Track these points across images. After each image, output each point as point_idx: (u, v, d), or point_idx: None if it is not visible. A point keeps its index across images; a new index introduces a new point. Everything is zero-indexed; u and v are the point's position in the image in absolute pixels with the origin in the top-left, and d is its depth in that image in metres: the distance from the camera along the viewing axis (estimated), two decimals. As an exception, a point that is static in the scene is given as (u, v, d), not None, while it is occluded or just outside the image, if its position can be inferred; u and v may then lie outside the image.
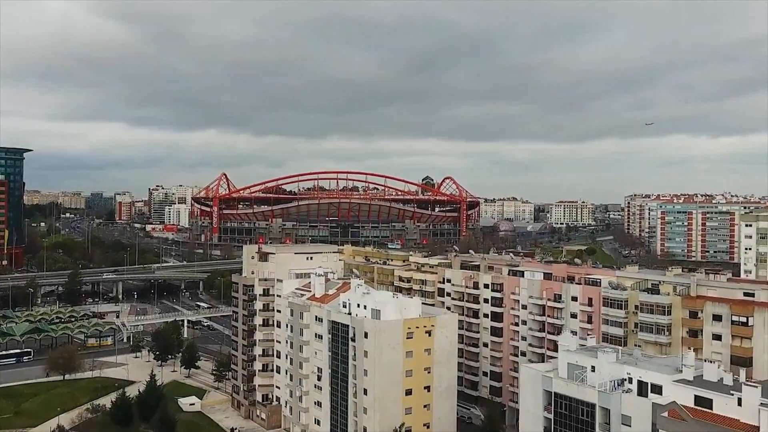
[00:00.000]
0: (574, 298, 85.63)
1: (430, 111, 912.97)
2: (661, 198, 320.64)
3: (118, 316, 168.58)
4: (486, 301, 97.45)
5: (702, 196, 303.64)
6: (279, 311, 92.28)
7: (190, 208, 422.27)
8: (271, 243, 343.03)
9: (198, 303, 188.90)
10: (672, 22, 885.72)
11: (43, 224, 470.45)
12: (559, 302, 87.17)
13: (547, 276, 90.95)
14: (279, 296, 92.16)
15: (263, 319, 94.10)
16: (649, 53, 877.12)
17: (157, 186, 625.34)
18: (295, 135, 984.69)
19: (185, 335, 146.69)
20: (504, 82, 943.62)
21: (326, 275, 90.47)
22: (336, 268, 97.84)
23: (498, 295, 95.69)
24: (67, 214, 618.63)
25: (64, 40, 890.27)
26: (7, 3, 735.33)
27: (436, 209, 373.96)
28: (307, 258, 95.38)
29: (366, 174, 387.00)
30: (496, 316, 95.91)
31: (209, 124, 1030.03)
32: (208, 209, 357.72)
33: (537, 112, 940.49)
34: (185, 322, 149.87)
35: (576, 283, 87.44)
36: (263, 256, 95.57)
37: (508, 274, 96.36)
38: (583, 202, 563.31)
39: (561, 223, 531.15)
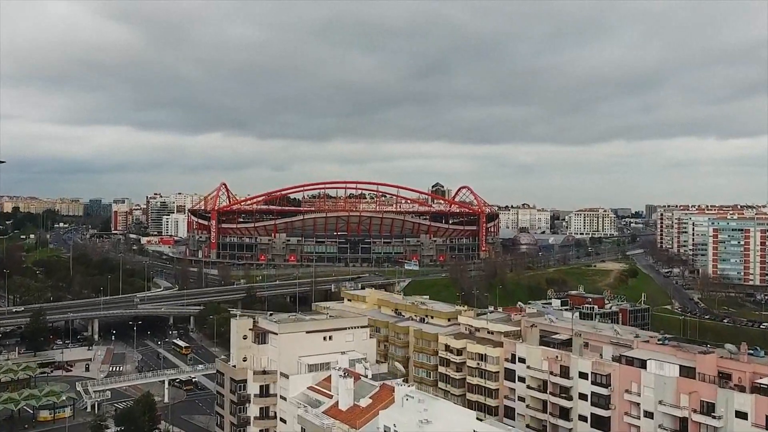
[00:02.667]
0: (741, 415, 55.64)
1: (435, 114, 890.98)
2: (707, 211, 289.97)
3: (87, 368, 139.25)
4: (583, 397, 67.53)
5: (753, 208, 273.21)
6: (284, 421, 62.45)
7: (187, 219, 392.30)
8: (273, 260, 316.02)
9: (174, 342, 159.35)
10: (681, 24, 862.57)
11: (32, 236, 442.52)
12: (711, 416, 57.21)
13: (686, 370, 60.92)
14: (284, 398, 62.33)
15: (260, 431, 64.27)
16: (658, 55, 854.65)
17: (155, 194, 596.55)
18: (299, 138, 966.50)
19: (165, 399, 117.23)
20: (511, 85, 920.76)
21: (354, 366, 60.86)
22: (367, 348, 67.92)
23: (603, 391, 65.69)
24: (61, 224, 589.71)
25: (68, 42, 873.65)
26: (9, 5, 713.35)
27: (450, 221, 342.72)
28: (325, 338, 65.52)
29: (377, 184, 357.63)
30: (601, 423, 66.02)
31: (214, 127, 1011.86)
32: (205, 222, 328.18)
33: (543, 114, 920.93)
34: (166, 382, 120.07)
35: (737, 387, 57.62)
36: (261, 336, 65.72)
37: (617, 360, 66.36)
38: (605, 211, 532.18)
39: (581, 234, 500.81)
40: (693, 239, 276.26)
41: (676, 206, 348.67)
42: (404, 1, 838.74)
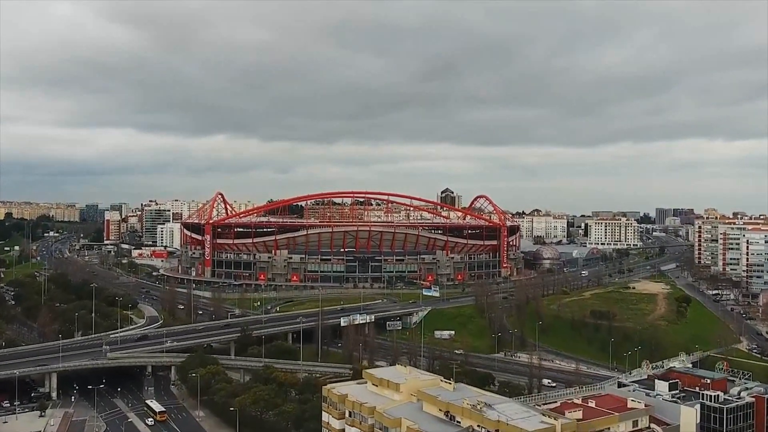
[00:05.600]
0: None
1: (443, 115, 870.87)
2: (763, 227, 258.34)
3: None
4: None
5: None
6: None
7: (180, 231, 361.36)
8: (273, 280, 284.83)
9: (148, 404, 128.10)
10: (694, 27, 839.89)
11: (17, 248, 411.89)
12: None
13: None
14: None
15: None
16: (670, 57, 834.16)
17: (151, 201, 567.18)
18: (304, 140, 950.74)
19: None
20: (519, 86, 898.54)
21: None
22: None
23: None
24: (51, 233, 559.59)
25: (72, 44, 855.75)
26: (12, 6, 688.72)
27: (468, 235, 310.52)
28: None
29: (387, 194, 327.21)
30: None
31: (218, 129, 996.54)
32: (199, 237, 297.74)
33: (551, 116, 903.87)
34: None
35: None
36: None
37: None
38: (627, 220, 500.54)
39: (602, 243, 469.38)
40: (747, 259, 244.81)
41: (716, 217, 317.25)
42: (416, 1, 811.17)
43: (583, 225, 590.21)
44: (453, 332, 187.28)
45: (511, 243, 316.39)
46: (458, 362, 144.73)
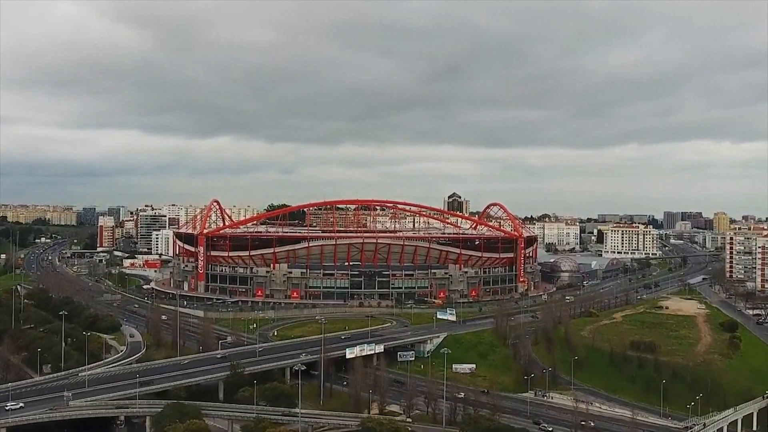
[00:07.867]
0: None
1: (448, 117, 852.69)
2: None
3: None
4: None
5: None
6: None
7: (173, 242, 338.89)
8: (272, 296, 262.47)
9: None
10: (704, 27, 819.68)
11: (3, 256, 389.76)
12: None
13: None
14: None
15: None
16: (679, 58, 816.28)
17: (146, 206, 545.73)
18: (308, 141, 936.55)
19: None
20: (528, 87, 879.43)
21: None
22: None
23: None
24: (42, 239, 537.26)
25: (75, 45, 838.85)
26: (14, 7, 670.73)
27: (482, 247, 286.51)
28: None
29: (394, 202, 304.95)
30: None
31: (222, 131, 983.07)
32: (192, 249, 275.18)
33: (557, 117, 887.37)
34: None
35: None
36: None
37: None
38: (646, 227, 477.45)
39: (618, 252, 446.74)
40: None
41: (748, 227, 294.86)
42: (421, 2, 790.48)
43: (595, 231, 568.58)
44: (474, 366, 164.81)
45: (527, 255, 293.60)
46: (486, 412, 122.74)
